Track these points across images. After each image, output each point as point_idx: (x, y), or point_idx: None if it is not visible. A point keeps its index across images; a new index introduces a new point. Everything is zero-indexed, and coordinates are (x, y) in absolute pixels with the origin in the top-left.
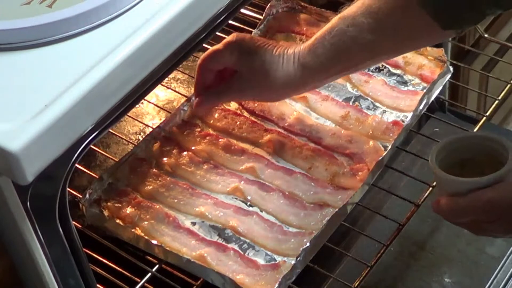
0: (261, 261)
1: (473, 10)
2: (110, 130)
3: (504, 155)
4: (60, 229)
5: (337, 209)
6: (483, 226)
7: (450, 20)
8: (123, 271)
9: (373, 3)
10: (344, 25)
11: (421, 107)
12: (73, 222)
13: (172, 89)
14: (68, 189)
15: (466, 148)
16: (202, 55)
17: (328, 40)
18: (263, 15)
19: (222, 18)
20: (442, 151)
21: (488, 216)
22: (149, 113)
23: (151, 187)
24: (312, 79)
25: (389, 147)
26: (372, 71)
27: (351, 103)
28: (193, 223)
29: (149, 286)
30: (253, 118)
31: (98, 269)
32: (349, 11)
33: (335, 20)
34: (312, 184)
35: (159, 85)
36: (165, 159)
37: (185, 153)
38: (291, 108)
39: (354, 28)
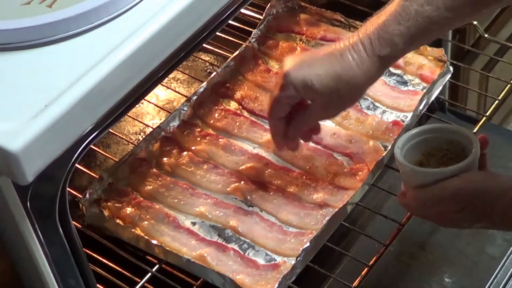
0: (261, 261)
1: None
2: (110, 130)
3: (468, 146)
4: (60, 229)
5: (337, 209)
6: (449, 216)
7: None
8: (123, 271)
9: None
10: (417, 6)
11: (421, 107)
12: (73, 222)
13: (172, 89)
14: (68, 189)
15: (430, 140)
16: (267, 109)
17: (403, 25)
18: (263, 15)
19: (222, 18)
20: (406, 143)
21: (455, 206)
22: (149, 113)
23: (151, 187)
24: (390, 65)
25: (389, 147)
26: None
27: None
28: (193, 223)
29: (149, 286)
30: (253, 118)
31: (98, 269)
32: None
33: (399, 3)
34: (312, 184)
35: (159, 85)
36: (165, 159)
37: (185, 153)
38: None
39: (430, 7)
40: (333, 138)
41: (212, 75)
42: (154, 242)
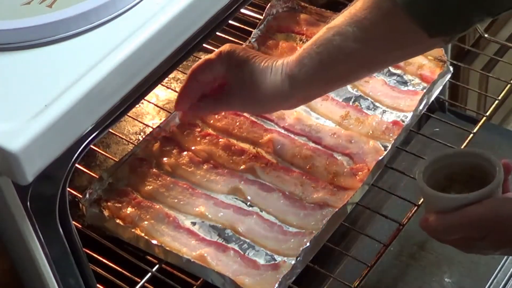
0: (261, 261)
1: (460, 17)
2: (110, 130)
3: (491, 171)
4: (60, 229)
5: (337, 209)
6: (472, 243)
7: (436, 27)
8: (123, 271)
9: (359, 12)
10: (330, 34)
11: (421, 107)
12: (73, 222)
13: (172, 89)
14: (68, 189)
15: (453, 165)
16: (193, 65)
17: (314, 50)
18: (263, 15)
19: (222, 18)
20: (428, 168)
21: (477, 233)
22: (149, 113)
23: (151, 187)
24: (299, 91)
25: (389, 147)
26: None
27: (351, 103)
28: (193, 223)
29: (149, 286)
30: (253, 118)
31: (98, 269)
32: (336, 21)
33: (322, 31)
34: (312, 184)
35: (159, 85)
36: (165, 159)
37: (185, 153)
38: None
39: (340, 37)
40: (333, 138)
41: None
42: (154, 242)
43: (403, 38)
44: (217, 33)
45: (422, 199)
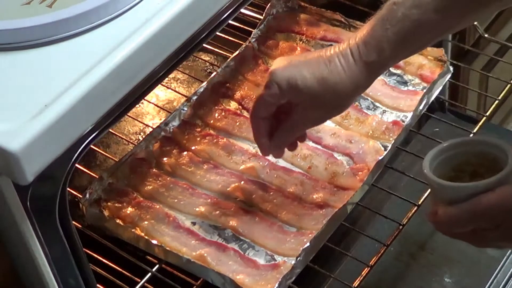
0: (261, 261)
1: None
2: (110, 130)
3: (502, 158)
4: (60, 229)
5: (337, 209)
6: (485, 234)
7: None
8: (123, 271)
9: None
10: (405, 9)
11: (421, 107)
12: (73, 222)
13: (172, 89)
14: (68, 189)
15: (461, 154)
16: (252, 108)
17: (391, 30)
18: (263, 15)
19: (222, 18)
20: (435, 158)
21: (490, 222)
22: (149, 113)
23: (151, 187)
24: (378, 74)
25: (389, 147)
26: None
27: None
28: (193, 223)
29: (149, 286)
30: None
31: (98, 269)
32: None
33: (387, 7)
34: (312, 184)
35: (159, 85)
36: (165, 159)
37: (185, 153)
38: None
39: (418, 10)
40: (333, 138)
41: (212, 75)
42: (154, 242)
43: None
44: (217, 33)
45: (422, 199)
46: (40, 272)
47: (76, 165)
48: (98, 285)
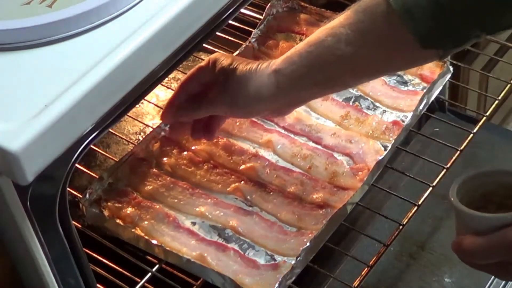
0: (261, 261)
1: (457, 31)
2: (110, 130)
3: None
4: (60, 229)
5: (337, 209)
6: (511, 268)
7: (430, 38)
8: (123, 271)
9: (354, 14)
10: (323, 35)
11: (421, 107)
12: (73, 222)
13: (172, 89)
14: (68, 189)
15: (488, 183)
16: (181, 80)
17: (305, 49)
18: (263, 15)
19: (222, 18)
20: (462, 186)
21: None
22: (149, 113)
23: (151, 187)
24: (284, 90)
25: (389, 147)
26: None
27: (351, 103)
28: (193, 223)
29: (149, 286)
30: (253, 118)
31: (98, 269)
32: (331, 23)
33: (317, 31)
34: (312, 184)
35: (159, 85)
36: (165, 159)
37: (185, 153)
38: None
39: (332, 38)
40: (333, 138)
41: None
42: (154, 242)
43: (395, 46)
44: (217, 33)
45: (422, 199)
46: (40, 272)
47: (76, 165)
48: (98, 285)
